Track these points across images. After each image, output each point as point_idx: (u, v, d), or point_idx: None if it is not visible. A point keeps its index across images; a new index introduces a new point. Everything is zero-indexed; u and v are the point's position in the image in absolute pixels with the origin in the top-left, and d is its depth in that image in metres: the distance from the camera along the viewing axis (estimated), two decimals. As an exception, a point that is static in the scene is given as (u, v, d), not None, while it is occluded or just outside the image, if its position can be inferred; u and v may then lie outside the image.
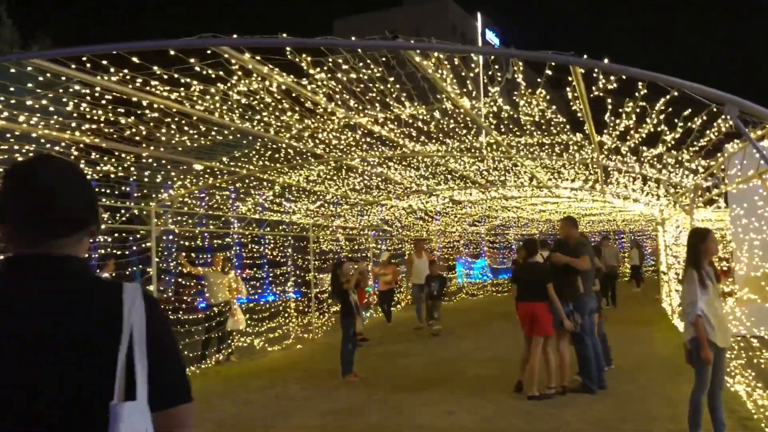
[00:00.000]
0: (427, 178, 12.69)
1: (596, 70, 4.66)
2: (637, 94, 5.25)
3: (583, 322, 8.15)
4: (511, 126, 7.51)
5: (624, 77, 4.59)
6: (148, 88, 5.74)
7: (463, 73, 5.74)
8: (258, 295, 15.11)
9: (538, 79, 5.44)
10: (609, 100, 5.61)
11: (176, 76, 5.45)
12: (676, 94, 4.65)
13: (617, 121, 6.27)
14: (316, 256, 15.25)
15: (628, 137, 6.86)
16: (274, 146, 8.51)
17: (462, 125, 7.62)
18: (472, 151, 9.35)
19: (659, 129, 6.11)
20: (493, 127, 7.71)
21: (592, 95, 5.45)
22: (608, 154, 8.41)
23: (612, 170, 10.33)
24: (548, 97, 6.03)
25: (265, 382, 9.80)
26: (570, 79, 5.21)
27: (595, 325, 8.53)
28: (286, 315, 14.26)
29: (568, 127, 7.15)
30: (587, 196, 16.84)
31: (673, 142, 6.47)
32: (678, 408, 7.16)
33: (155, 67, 5.16)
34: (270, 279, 14.96)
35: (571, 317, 8.04)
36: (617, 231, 34.31)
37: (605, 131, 6.94)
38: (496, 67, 5.21)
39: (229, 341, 11.62)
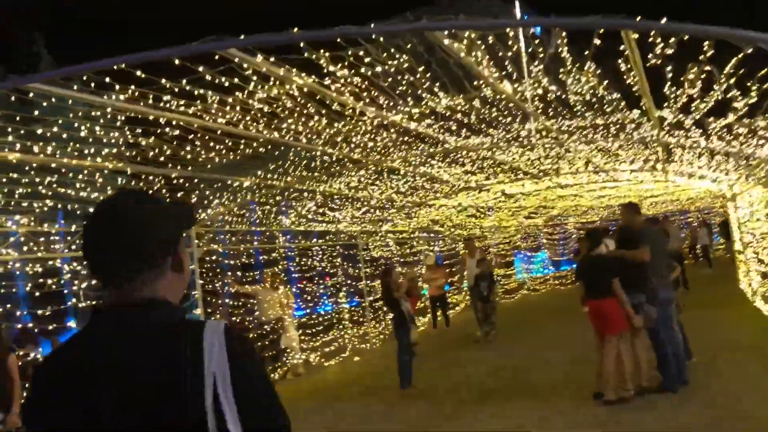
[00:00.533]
0: (475, 173, 12.07)
1: (652, 33, 4.01)
2: (701, 57, 4.55)
3: (657, 315, 7.39)
4: (559, 109, 6.86)
5: (685, 39, 3.92)
6: (162, 104, 5.41)
7: (500, 53, 5.16)
8: (312, 307, 14.80)
9: (585, 52, 4.80)
10: (668, 68, 4.91)
11: (188, 88, 5.09)
12: (750, 51, 3.96)
13: (679, 91, 5.54)
14: (366, 263, 14.81)
15: (693, 108, 6.10)
16: (308, 155, 8.11)
17: (505, 113, 7.03)
18: (520, 140, 8.70)
19: (729, 95, 5.35)
20: (540, 111, 7.07)
21: (648, 64, 4.77)
22: (669, 129, 7.63)
23: (674, 147, 9.48)
24: (598, 72, 5.38)
25: (322, 402, 9.40)
26: (622, 47, 4.56)
27: (671, 317, 7.73)
28: (341, 326, 13.87)
29: (623, 103, 6.43)
30: (648, 177, 15.79)
31: (746, 108, 5.68)
32: (779, 408, 6.35)
33: (163, 80, 4.80)
34: (322, 290, 14.62)
35: (641, 311, 7.31)
36: (683, 211, 32.48)
37: (666, 104, 6.21)
38: (537, 42, 4.60)
39: (284, 359, 11.30)
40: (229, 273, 11.52)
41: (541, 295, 22.87)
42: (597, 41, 4.31)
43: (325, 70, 4.96)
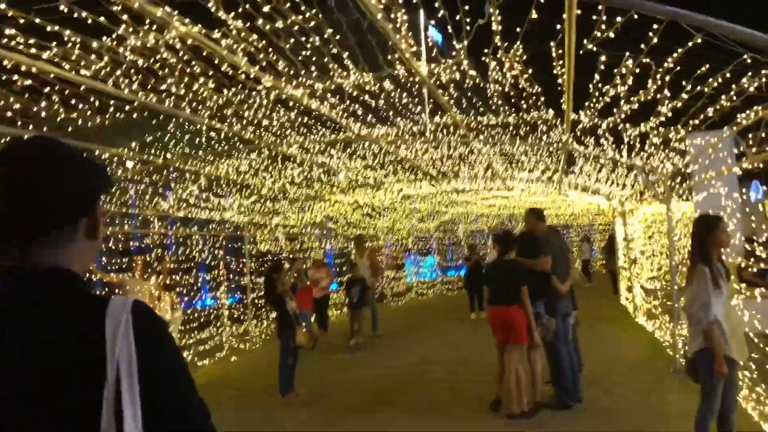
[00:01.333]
0: (375, 168, 11.47)
1: (599, 7, 3.53)
2: (642, 45, 4.14)
3: (557, 327, 7.10)
4: (474, 100, 6.35)
5: (634, 17, 3.46)
6: (4, 41, 4.29)
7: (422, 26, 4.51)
8: (188, 302, 13.55)
9: (518, 29, 4.27)
10: (602, 58, 4.49)
11: (38, 21, 4.03)
12: (698, 41, 3.56)
13: (606, 87, 5.17)
14: (252, 257, 13.78)
15: (615, 111, 5.79)
16: (192, 128, 7.10)
17: (416, 100, 6.42)
18: (426, 135, 8.16)
19: (659, 96, 5.03)
20: (452, 101, 6.53)
21: (582, 50, 4.32)
22: (580, 135, 7.37)
23: (578, 156, 9.35)
24: (525, 58, 4.89)
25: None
26: (558, 27, 4.06)
27: (569, 331, 7.49)
28: (219, 324, 12.78)
29: (542, 99, 6.02)
30: (541, 189, 15.97)
31: (669, 115, 5.42)
32: (671, 426, 6.20)
33: (2, 5, 3.73)
34: (199, 285, 13.41)
35: (539, 321, 6.99)
36: (564, 226, 33.87)
37: (587, 103, 5.86)
38: (467, 8, 3.99)
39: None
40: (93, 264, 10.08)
41: (429, 299, 22.77)
42: (534, 14, 3.77)
43: (215, 16, 4.09)
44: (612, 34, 3.83)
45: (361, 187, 12.99)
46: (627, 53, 4.43)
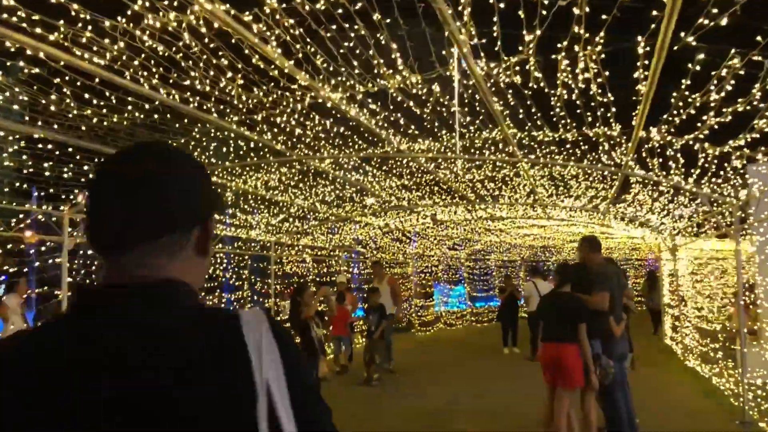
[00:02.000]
0: (410, 189, 10.79)
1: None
2: (758, 38, 3.41)
3: (615, 371, 6.27)
4: (532, 109, 5.64)
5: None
6: (4, 16, 3.76)
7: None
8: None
9: (603, 16, 3.56)
10: (698, 58, 3.76)
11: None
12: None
13: (695, 96, 4.41)
14: (277, 278, 13.15)
15: (700, 123, 5.02)
16: (218, 135, 6.53)
17: (466, 109, 5.74)
18: (472, 151, 7.48)
19: (761, 105, 4.26)
20: (506, 111, 5.84)
21: (676, 47, 3.60)
22: (645, 156, 6.61)
23: (635, 182, 8.55)
24: (603, 56, 4.18)
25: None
26: (655, 14, 3.35)
27: (626, 375, 6.65)
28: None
29: (612, 111, 5.26)
30: (583, 219, 15.12)
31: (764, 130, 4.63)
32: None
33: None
34: (223, 305, 12.79)
35: (597, 363, 6.17)
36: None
37: (665, 116, 5.10)
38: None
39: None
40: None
41: (458, 331, 21.80)
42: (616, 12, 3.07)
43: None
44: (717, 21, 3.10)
45: (394, 209, 12.32)
46: (733, 49, 3.69)
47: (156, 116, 5.65)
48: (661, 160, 6.49)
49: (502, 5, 3.47)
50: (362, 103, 5.65)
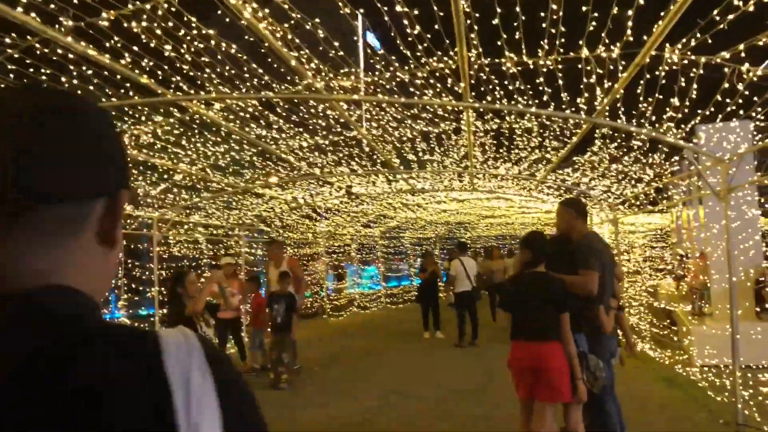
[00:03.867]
0: (326, 151, 8.92)
1: None
2: None
3: (606, 375, 4.78)
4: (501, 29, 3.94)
5: None
6: None
7: None
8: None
9: None
10: None
11: None
12: None
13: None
14: (162, 263, 10.89)
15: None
16: (44, 49, 4.42)
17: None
18: (410, 91, 5.73)
19: None
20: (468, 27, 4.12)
21: None
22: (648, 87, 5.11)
23: (598, 137, 7.14)
24: None
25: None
26: None
27: (613, 378, 5.18)
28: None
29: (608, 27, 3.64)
30: (511, 193, 13.81)
31: None
32: None
33: None
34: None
35: (584, 365, 4.66)
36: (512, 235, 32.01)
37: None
38: None
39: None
40: None
41: (373, 314, 20.23)
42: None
43: None
44: None
45: (304, 178, 10.38)
46: None
47: None
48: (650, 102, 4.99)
49: None
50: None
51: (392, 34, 4.52)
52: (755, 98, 4.97)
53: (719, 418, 6.45)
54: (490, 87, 5.48)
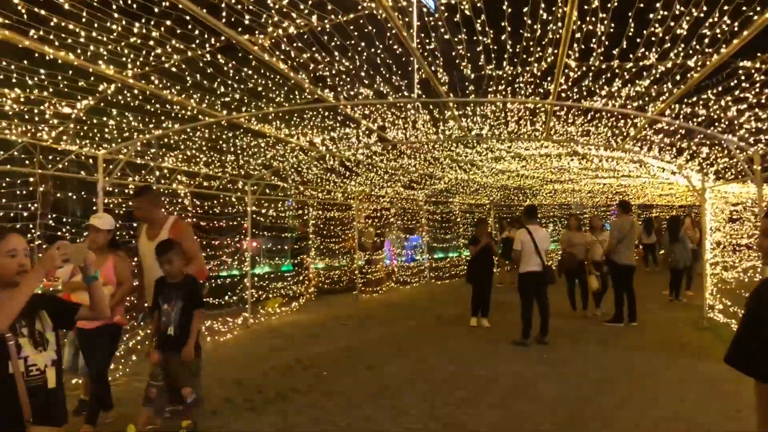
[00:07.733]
0: (349, 78, 5.79)
1: None
2: None
3: None
4: None
5: None
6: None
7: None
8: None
9: None
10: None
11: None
12: None
13: None
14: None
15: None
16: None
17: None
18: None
19: None
20: None
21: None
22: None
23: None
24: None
25: None
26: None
27: None
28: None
29: None
30: (597, 153, 10.39)
31: None
32: None
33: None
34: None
35: None
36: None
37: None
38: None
39: None
40: None
41: (415, 291, 17.18)
42: None
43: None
44: None
45: (317, 107, 7.31)
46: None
47: None
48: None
49: None
50: None
51: None
52: None
53: None
54: None
